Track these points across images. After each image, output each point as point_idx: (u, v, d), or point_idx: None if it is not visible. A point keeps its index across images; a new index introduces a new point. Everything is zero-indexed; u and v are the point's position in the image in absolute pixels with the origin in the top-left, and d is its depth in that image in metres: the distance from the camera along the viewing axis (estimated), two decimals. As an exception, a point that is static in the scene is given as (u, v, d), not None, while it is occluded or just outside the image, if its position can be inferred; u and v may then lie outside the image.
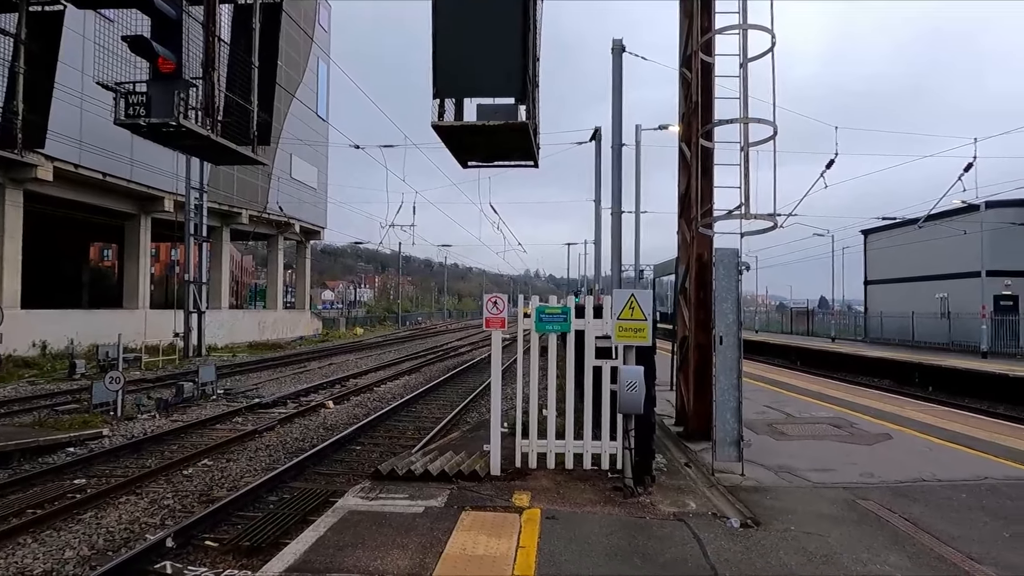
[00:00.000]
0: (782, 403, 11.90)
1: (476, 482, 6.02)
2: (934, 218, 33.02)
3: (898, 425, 9.68)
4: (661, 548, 4.54)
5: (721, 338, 7.11)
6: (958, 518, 5.46)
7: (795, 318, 49.15)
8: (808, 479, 6.72)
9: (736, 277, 7.17)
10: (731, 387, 7.02)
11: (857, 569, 4.32)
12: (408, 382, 20.42)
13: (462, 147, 10.08)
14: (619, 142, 19.04)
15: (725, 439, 6.94)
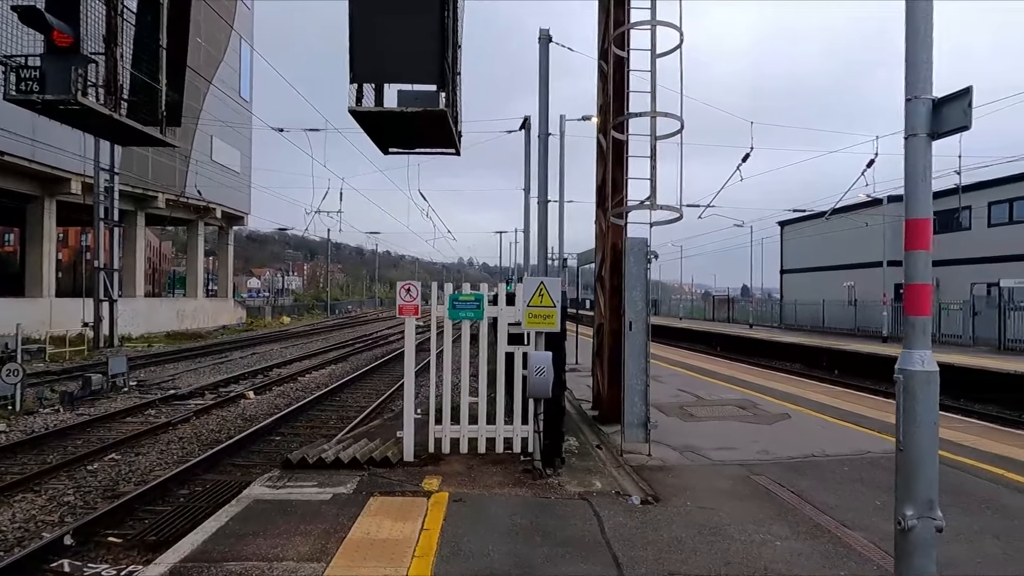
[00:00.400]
0: (696, 387, 12.43)
1: (388, 468, 6.06)
2: (841, 211, 34.89)
3: (798, 406, 10.29)
4: (562, 526, 4.71)
5: (631, 324, 7.37)
6: (839, 490, 5.89)
7: (717, 306, 51.11)
8: (710, 457, 7.08)
9: (645, 265, 7.44)
10: (640, 371, 7.30)
11: (742, 539, 4.61)
12: (334, 371, 20.12)
13: (382, 133, 9.99)
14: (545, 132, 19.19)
15: (633, 421, 7.23)
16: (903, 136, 3.62)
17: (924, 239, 3.56)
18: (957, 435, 8.28)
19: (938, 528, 3.52)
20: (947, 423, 9.28)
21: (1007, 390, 16.32)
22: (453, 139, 9.95)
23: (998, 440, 8.06)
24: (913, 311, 3.58)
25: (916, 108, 3.55)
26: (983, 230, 29.17)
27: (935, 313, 27.69)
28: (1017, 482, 6.13)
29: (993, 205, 28.61)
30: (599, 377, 9.09)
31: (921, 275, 3.58)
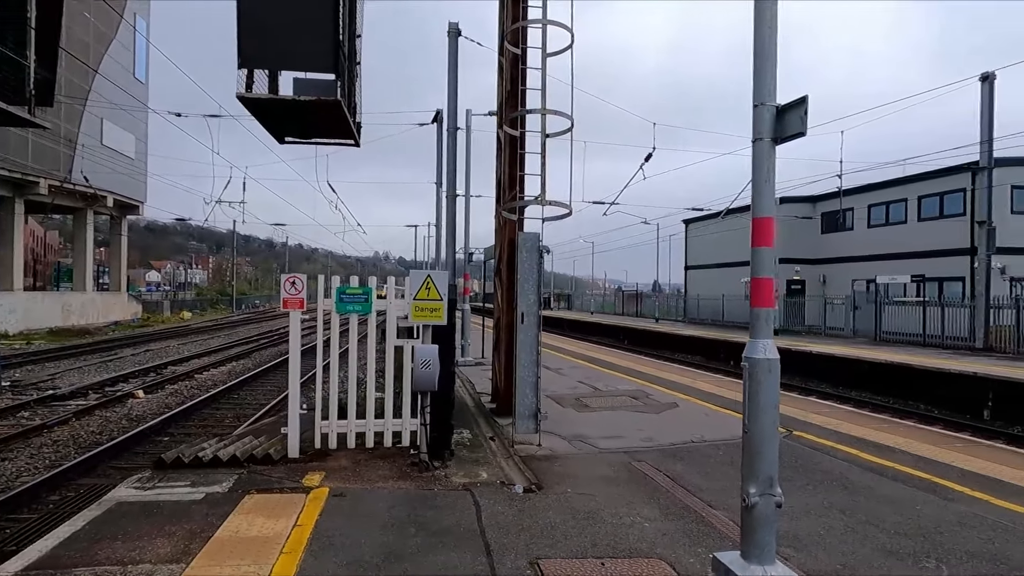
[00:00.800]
0: (595, 379, 12.79)
1: (270, 466, 5.90)
2: (737, 211, 36.82)
3: (687, 395, 10.80)
4: (439, 517, 4.76)
5: (523, 316, 7.51)
6: (710, 472, 6.24)
7: (626, 301, 52.70)
8: (597, 446, 7.32)
9: (538, 260, 7.59)
10: (531, 363, 7.45)
11: (613, 522, 4.81)
12: (235, 368, 19.36)
13: (276, 121, 9.70)
14: (454, 125, 19.16)
15: (524, 412, 7.37)
16: (752, 140, 3.87)
17: (768, 236, 3.83)
18: (825, 419, 8.94)
19: (778, 504, 3.80)
20: (820, 409, 10.01)
21: (877, 378, 17.73)
22: (351, 130, 9.79)
23: (859, 423, 8.76)
24: (758, 303, 3.85)
25: (761, 114, 3.81)
26: (864, 231, 31.48)
27: (821, 307, 29.72)
28: (867, 461, 6.69)
29: (872, 207, 30.91)
30: (497, 370, 9.20)
31: (766, 270, 3.85)
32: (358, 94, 10.57)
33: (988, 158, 21.91)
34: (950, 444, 7.57)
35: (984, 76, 21.81)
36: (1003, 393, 14.28)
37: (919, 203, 28.30)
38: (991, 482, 5.95)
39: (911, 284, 27.80)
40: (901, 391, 16.84)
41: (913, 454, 6.95)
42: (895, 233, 29.54)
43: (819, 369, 20.10)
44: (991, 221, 21.91)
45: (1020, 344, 20.33)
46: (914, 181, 28.43)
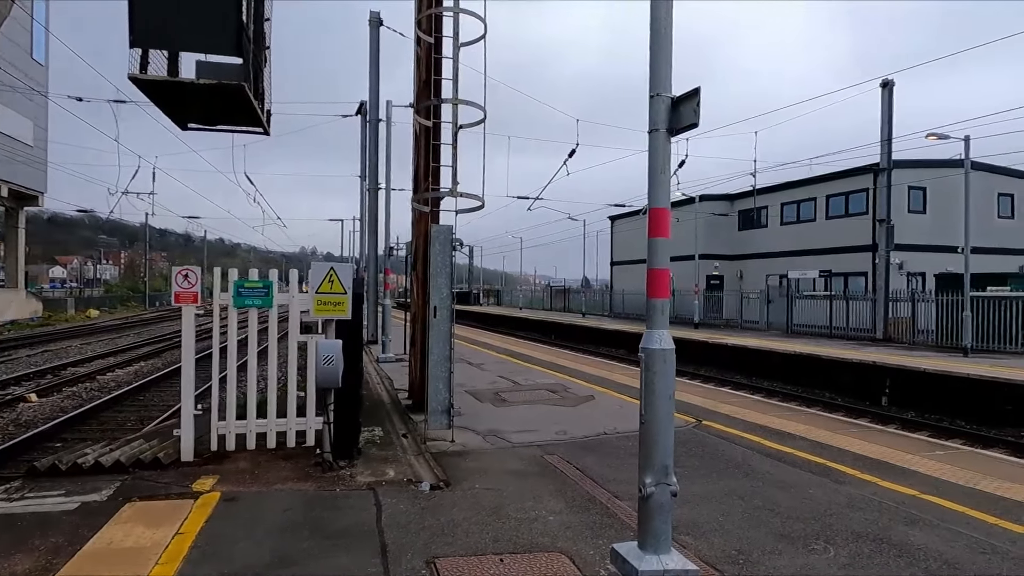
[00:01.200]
0: (516, 373, 12.77)
1: (159, 471, 5.54)
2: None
3: (604, 388, 10.93)
4: (337, 518, 4.57)
5: (435, 310, 7.36)
6: (619, 464, 6.29)
7: (554, 296, 53.29)
8: (511, 440, 7.26)
9: (451, 253, 7.46)
10: (444, 358, 7.32)
11: (517, 517, 4.75)
12: (142, 368, 18.32)
13: (177, 106, 9.15)
14: (376, 117, 18.79)
15: (437, 408, 7.24)
16: (647, 131, 3.87)
17: (664, 227, 3.84)
18: (734, 409, 9.22)
19: (673, 493, 3.82)
20: (730, 399, 10.32)
21: (787, 368, 18.53)
22: (258, 117, 9.35)
23: (765, 412, 9.08)
24: (654, 294, 3.85)
25: (657, 105, 3.81)
26: (777, 228, 32.92)
27: (738, 301, 30.88)
28: (769, 447, 6.92)
29: (784, 206, 32.34)
30: (413, 365, 9.02)
31: (661, 261, 3.86)
32: (267, 80, 10.12)
33: (887, 160, 23.27)
34: (847, 430, 7.94)
35: (884, 83, 23.13)
36: (898, 380, 15.19)
37: (827, 202, 29.81)
38: (880, 465, 6.25)
39: (819, 279, 29.25)
40: (809, 380, 17.67)
41: (812, 440, 7.24)
42: (805, 230, 31.02)
43: (734, 361, 20.85)
44: (890, 219, 23.30)
45: (915, 335, 21.72)
46: (822, 181, 29.91)
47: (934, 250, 26.76)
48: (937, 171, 27.06)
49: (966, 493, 5.40)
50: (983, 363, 15.56)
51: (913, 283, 26.25)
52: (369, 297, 19.05)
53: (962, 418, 13.42)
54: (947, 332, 20.21)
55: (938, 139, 18.05)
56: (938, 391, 14.19)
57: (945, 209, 26.77)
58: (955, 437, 12.15)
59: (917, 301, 22.06)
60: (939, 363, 15.41)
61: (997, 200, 29.27)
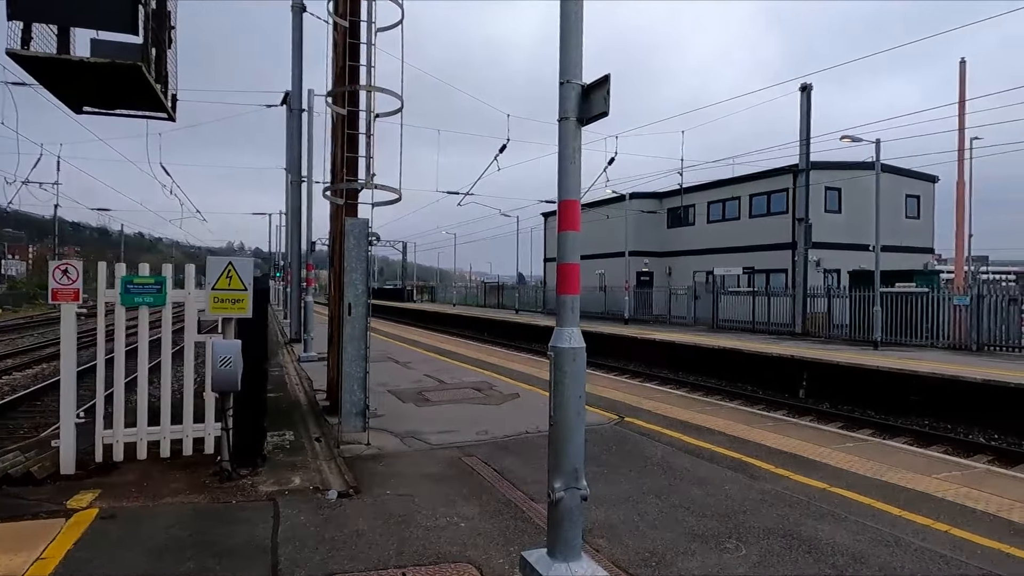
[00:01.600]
0: (443, 371, 12.50)
1: (31, 486, 5.01)
2: (593, 205, 38.21)
3: (530, 385, 10.80)
4: (227, 534, 4.21)
5: (350, 307, 7.03)
6: (538, 464, 6.13)
7: (488, 293, 53.14)
8: (430, 442, 7.01)
9: (367, 247, 7.14)
10: (359, 357, 6.99)
11: (427, 525, 4.52)
12: (44, 371, 17.07)
13: (66, 87, 8.40)
14: (299, 106, 18.09)
15: (352, 410, 6.91)
16: (557, 119, 3.70)
17: (574, 220, 3.68)
18: (657, 405, 9.25)
19: (583, 497, 3.67)
20: (654, 394, 10.36)
21: (711, 362, 18.98)
22: (160, 101, 8.72)
23: (687, 407, 9.15)
24: (564, 290, 3.69)
25: (568, 92, 3.64)
26: (704, 225, 33.78)
27: (666, 297, 31.53)
28: (688, 443, 6.93)
29: (711, 204, 33.23)
30: (331, 365, 8.62)
31: (571, 255, 3.69)
32: (172, 63, 9.47)
33: (805, 161, 24.18)
34: (764, 424, 8.07)
35: (803, 86, 24.01)
36: (814, 373, 15.75)
37: (750, 201, 30.78)
38: (794, 459, 6.34)
39: (744, 276, 30.18)
40: (732, 374, 18.13)
41: (730, 435, 7.31)
42: (730, 228, 31.95)
43: (662, 356, 21.21)
44: (808, 218, 24.22)
45: (831, 329, 22.68)
46: (746, 181, 30.87)
47: (849, 248, 28.04)
48: (851, 173, 28.34)
49: (873, 485, 5.51)
50: (891, 355, 16.33)
51: (830, 280, 27.41)
52: (292, 294, 18.36)
53: (873, 408, 14.02)
54: (860, 326, 21.16)
55: (852, 141, 18.84)
56: (850, 383, 14.78)
57: (859, 209, 28.07)
58: (865, 427, 12.67)
59: (833, 297, 23.03)
60: (851, 356, 16.08)
61: (905, 201, 30.92)
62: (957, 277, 19.96)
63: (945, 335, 18.78)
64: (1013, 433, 11.44)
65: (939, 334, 18.93)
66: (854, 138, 18.90)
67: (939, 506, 4.99)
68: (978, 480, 5.67)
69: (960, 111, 20.24)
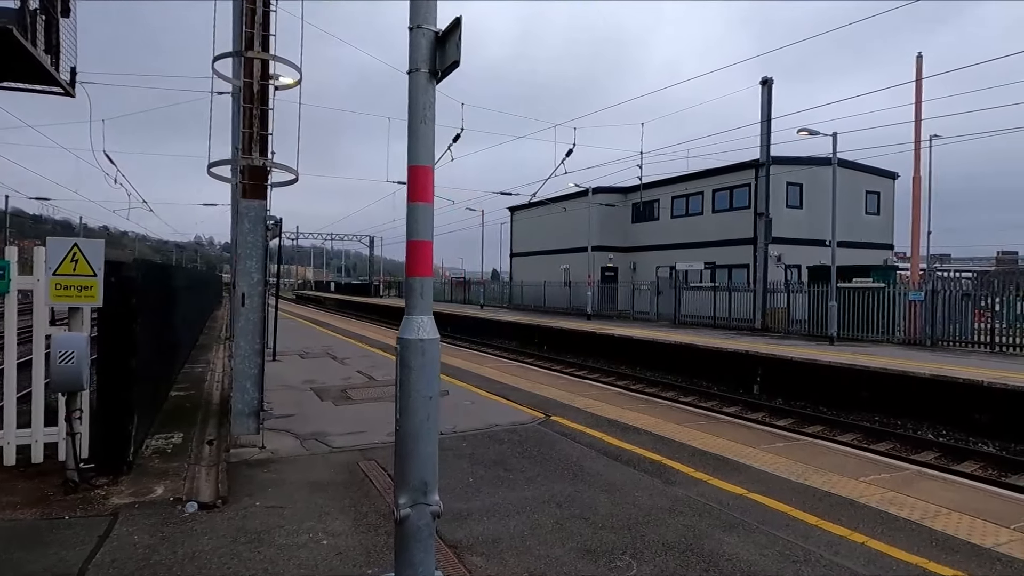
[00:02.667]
0: (378, 367, 11.91)
1: None
2: (557, 200, 37.80)
3: (465, 382, 10.27)
4: (34, 558, 3.60)
5: (243, 297, 6.41)
6: (442, 469, 5.60)
7: (454, 288, 52.46)
8: (332, 444, 6.44)
9: (264, 232, 6.53)
10: (253, 353, 6.38)
11: (283, 543, 3.96)
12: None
13: (-60, 55, 7.64)
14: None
15: (244, 410, 6.30)
16: (407, 71, 3.15)
17: (426, 190, 3.14)
18: (591, 402, 8.78)
19: (435, 514, 3.15)
20: (590, 391, 9.89)
21: (668, 358, 18.64)
22: (49, 73, 8.00)
23: (622, 405, 8.70)
24: (413, 271, 3.15)
25: (418, 39, 3.10)
26: (668, 220, 33.56)
27: (630, 293, 31.24)
28: (609, 444, 6.46)
29: (675, 199, 33.01)
30: (236, 361, 7.96)
31: (422, 231, 3.15)
32: (70, 33, 8.74)
33: (766, 155, 23.99)
34: (696, 422, 7.63)
35: (764, 80, 23.79)
36: (769, 369, 15.48)
37: (713, 196, 30.60)
38: (717, 460, 5.90)
39: (706, 271, 30.00)
40: (690, 370, 17.81)
41: (657, 435, 6.85)
42: (693, 223, 31.76)
43: (619, 352, 20.85)
44: (768, 213, 24.04)
45: (790, 324, 22.52)
46: (709, 176, 30.67)
47: (810, 244, 27.99)
48: (812, 168, 28.30)
49: (795, 489, 5.08)
50: (846, 351, 16.13)
51: (790, 275, 27.35)
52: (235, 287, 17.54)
53: (825, 404, 13.77)
54: (817, 321, 21.03)
55: (808, 135, 18.62)
56: (803, 379, 14.52)
57: (819, 204, 28.04)
58: (816, 423, 12.40)
59: (792, 292, 22.87)
60: (806, 352, 15.84)
61: (865, 197, 31.01)
62: (913, 273, 19.88)
63: (901, 331, 18.69)
64: (961, 429, 11.24)
65: (894, 330, 18.83)
66: (811, 131, 18.68)
67: (861, 513, 4.57)
68: (907, 483, 5.28)
69: (917, 107, 20.15)
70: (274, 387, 9.68)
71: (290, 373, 10.97)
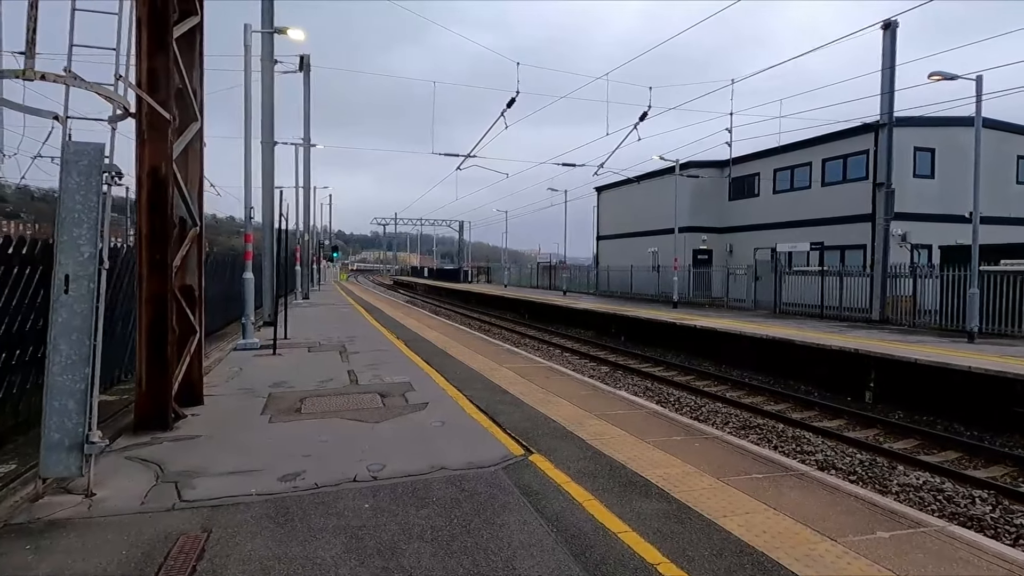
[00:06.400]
0: (379, 365, 9.93)
1: None
2: (645, 177, 34.59)
3: (460, 389, 8.03)
4: None
5: (67, 281, 4.51)
6: (310, 549, 3.44)
7: (540, 273, 50.31)
8: (189, 494, 4.44)
9: (99, 186, 4.59)
10: (80, 359, 4.47)
11: None
12: None
13: None
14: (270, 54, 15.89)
15: (60, 441, 4.40)
16: None
17: None
18: (606, 427, 6.33)
19: None
20: (616, 406, 7.41)
21: (759, 354, 15.59)
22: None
23: (648, 433, 6.16)
24: None
25: None
26: (769, 197, 29.64)
27: (724, 278, 27.79)
28: (585, 519, 4.02)
29: (778, 172, 29.03)
30: (139, 362, 6.18)
31: None
32: None
33: (888, 115, 19.96)
34: (759, 468, 5.01)
35: (886, 24, 19.76)
36: (885, 372, 12.23)
37: (823, 166, 26.49)
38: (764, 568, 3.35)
39: (812, 252, 26.07)
40: (783, 370, 14.76)
41: (677, 500, 4.32)
42: (799, 198, 27.76)
43: (702, 346, 17.94)
44: (890, 183, 20.05)
45: (916, 316, 18.65)
46: (818, 143, 26.58)
47: (943, 220, 23.53)
48: (946, 130, 23.70)
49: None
50: (989, 351, 12.54)
51: (918, 257, 23.02)
52: (265, 270, 16.28)
53: (962, 422, 10.51)
54: (952, 313, 17.14)
55: (943, 78, 14.79)
56: (932, 387, 11.25)
57: (956, 174, 23.46)
58: (947, 448, 9.31)
59: (919, 277, 18.92)
60: (937, 351, 12.42)
61: (1017, 163, 25.80)
62: (1085, 252, 15.62)
63: (1067, 325, 14.61)
64: None
65: (1059, 324, 14.78)
66: (947, 75, 14.83)
67: None
68: None
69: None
70: (230, 391, 7.93)
71: (267, 373, 9.21)
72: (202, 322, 7.21)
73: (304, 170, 26.19)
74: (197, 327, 7.05)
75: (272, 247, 15.82)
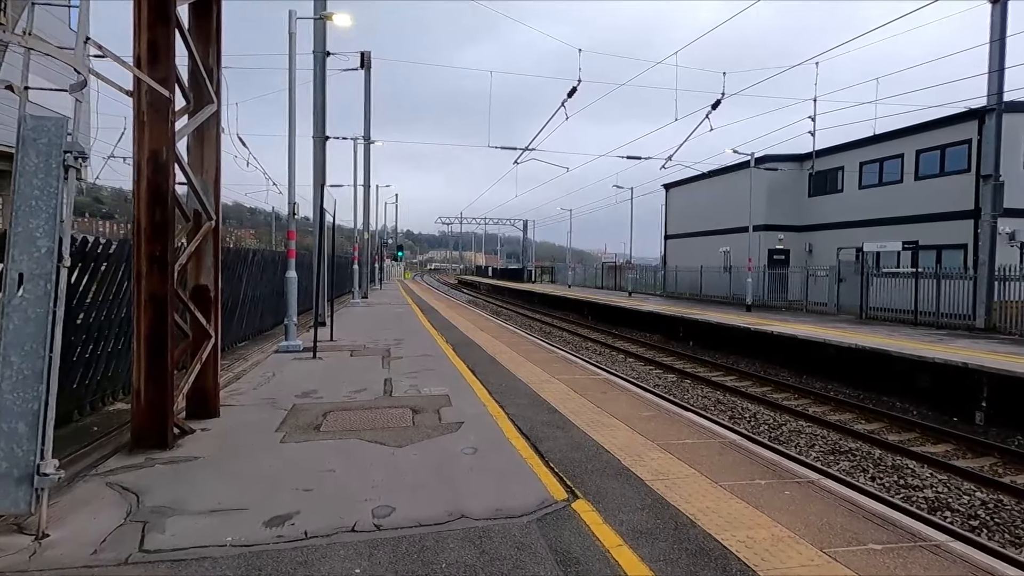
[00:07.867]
0: (420, 374, 9.10)
1: None
2: (718, 173, 32.75)
3: (501, 407, 7.07)
4: None
5: (21, 281, 3.81)
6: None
7: (605, 273, 48.90)
8: (154, 544, 3.66)
9: (61, 171, 3.87)
10: (33, 374, 3.76)
11: None
12: None
13: None
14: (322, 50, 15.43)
15: (11, 472, 3.70)
16: None
17: None
18: (670, 466, 5.23)
19: None
20: (682, 433, 6.28)
21: (845, 364, 13.98)
22: None
23: (725, 474, 5.02)
24: None
25: None
26: (855, 192, 27.35)
27: (803, 280, 25.81)
28: None
29: (864, 165, 26.74)
30: (135, 370, 5.51)
31: None
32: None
33: (997, 97, 17.77)
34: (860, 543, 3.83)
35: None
36: (1001, 389, 10.55)
37: (916, 158, 24.12)
38: None
39: (904, 252, 23.79)
40: (874, 383, 13.16)
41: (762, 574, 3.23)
42: (889, 194, 25.41)
43: (779, 354, 16.38)
44: (998, 175, 17.85)
45: (1031, 324, 16.47)
46: (912, 133, 24.22)
47: (1061, 216, 20.92)
48: (1067, 114, 21.04)
49: None
50: None
51: (1029, 257, 20.53)
52: (321, 269, 15.81)
53: (1102, 457, 8.80)
54: (1077, 322, 14.98)
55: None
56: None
57: (1076, 164, 20.80)
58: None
59: (1033, 280, 16.73)
60: (1066, 369, 10.61)
61: None
62: None
63: None
64: None
65: None
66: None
67: None
68: None
69: None
70: (252, 401, 7.25)
71: (299, 380, 8.53)
72: (218, 326, 6.52)
73: (364, 168, 25.89)
74: (212, 332, 6.37)
75: (320, 246, 15.33)
